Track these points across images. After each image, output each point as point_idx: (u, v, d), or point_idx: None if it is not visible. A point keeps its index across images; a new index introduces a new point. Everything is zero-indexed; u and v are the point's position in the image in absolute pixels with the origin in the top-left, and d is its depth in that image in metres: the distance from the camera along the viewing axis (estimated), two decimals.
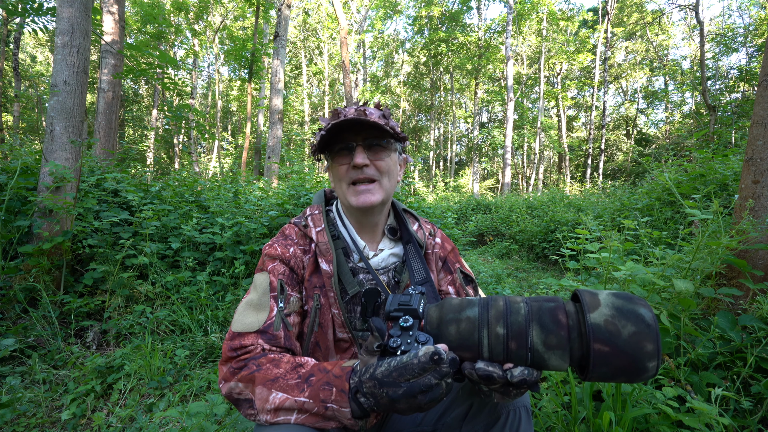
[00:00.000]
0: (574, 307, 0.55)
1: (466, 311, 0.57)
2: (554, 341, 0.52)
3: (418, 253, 0.87)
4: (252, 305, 0.77)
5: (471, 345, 0.55)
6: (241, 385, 0.66)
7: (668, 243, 2.44)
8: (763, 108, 1.57)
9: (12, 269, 2.11)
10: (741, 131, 8.53)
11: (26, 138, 9.55)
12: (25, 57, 19.45)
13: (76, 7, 2.42)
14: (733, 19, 18.76)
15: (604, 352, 0.49)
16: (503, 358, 0.54)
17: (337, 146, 0.81)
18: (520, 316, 0.54)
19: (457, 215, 7.84)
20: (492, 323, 0.55)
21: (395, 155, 0.86)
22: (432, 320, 0.59)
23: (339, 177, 0.83)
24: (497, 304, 0.57)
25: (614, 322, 0.50)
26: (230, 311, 2.38)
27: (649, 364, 0.49)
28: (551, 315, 0.54)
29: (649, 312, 0.51)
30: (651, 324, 0.50)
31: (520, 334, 0.53)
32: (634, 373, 0.50)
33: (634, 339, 0.49)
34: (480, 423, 0.71)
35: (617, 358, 0.49)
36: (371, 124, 0.77)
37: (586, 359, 0.52)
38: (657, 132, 22.12)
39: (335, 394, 0.59)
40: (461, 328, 0.56)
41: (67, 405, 1.56)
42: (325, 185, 3.68)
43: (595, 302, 0.53)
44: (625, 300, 0.52)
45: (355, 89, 17.76)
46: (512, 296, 0.59)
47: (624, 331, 0.50)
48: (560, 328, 0.53)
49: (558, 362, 0.52)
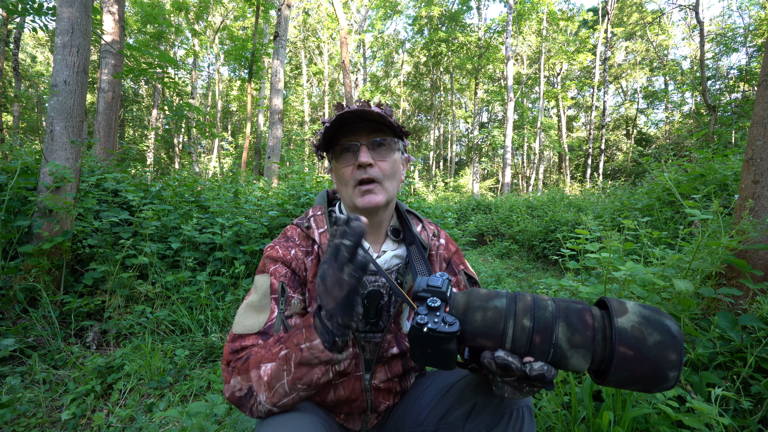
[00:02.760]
0: (600, 312, 0.56)
1: (494, 301, 0.58)
2: (579, 340, 0.53)
3: (422, 255, 0.87)
4: (252, 307, 0.77)
5: (495, 334, 0.56)
6: (240, 378, 0.67)
7: (668, 243, 2.44)
8: (763, 108, 1.57)
9: (12, 269, 2.11)
10: (741, 131, 8.53)
11: (26, 138, 9.56)
12: (25, 57, 19.45)
13: (76, 7, 2.42)
14: (733, 19, 18.81)
15: (628, 356, 0.50)
16: (525, 350, 0.54)
17: (340, 147, 0.81)
18: (548, 312, 0.55)
19: (457, 215, 7.84)
20: (519, 315, 0.55)
21: (398, 155, 0.86)
22: (458, 305, 0.60)
23: (344, 179, 0.82)
24: (525, 298, 0.58)
25: (641, 328, 0.51)
26: (230, 311, 2.38)
27: (670, 373, 0.50)
28: (578, 315, 0.54)
29: (675, 325, 0.52)
30: (677, 336, 0.50)
31: (546, 329, 0.54)
32: (653, 381, 0.50)
33: (659, 347, 0.50)
34: (483, 422, 0.70)
35: (640, 364, 0.50)
36: (374, 117, 0.77)
37: (606, 363, 0.52)
38: (657, 132, 22.12)
39: (305, 333, 0.63)
40: (487, 317, 0.57)
41: (67, 405, 1.56)
42: (325, 185, 3.68)
43: (623, 308, 0.54)
44: (652, 311, 0.53)
45: (355, 89, 17.76)
46: (540, 294, 0.60)
47: (650, 338, 0.50)
48: (586, 328, 0.53)
49: (579, 362, 0.53)
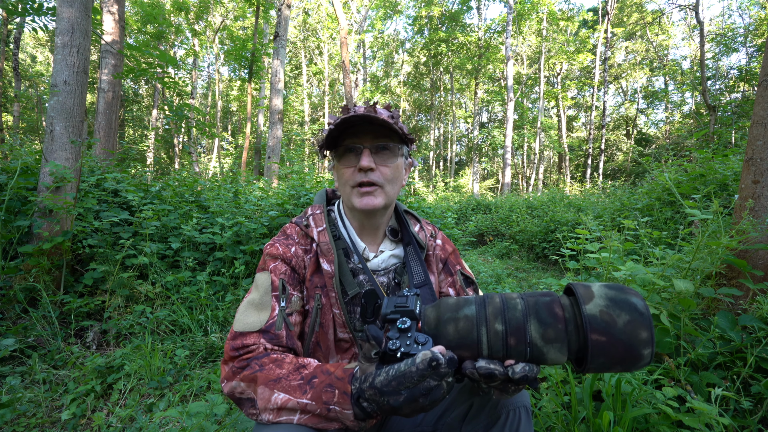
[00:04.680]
0: (568, 300, 0.56)
1: (464, 310, 0.57)
2: (552, 334, 0.53)
3: (418, 255, 0.87)
4: (254, 305, 0.77)
5: (470, 343, 0.55)
6: (243, 385, 0.67)
7: (668, 243, 2.44)
8: (763, 108, 1.57)
9: (12, 269, 2.11)
10: (741, 131, 8.53)
11: (26, 138, 9.55)
12: (25, 57, 19.45)
13: (76, 7, 2.42)
14: (733, 19, 18.82)
15: (601, 342, 0.50)
16: (503, 354, 0.54)
17: (343, 147, 0.81)
18: (518, 311, 0.55)
19: (457, 215, 7.83)
20: (490, 320, 0.55)
21: (401, 160, 0.85)
22: (429, 320, 0.59)
23: (344, 179, 0.83)
24: (494, 301, 0.57)
25: (609, 312, 0.51)
26: (230, 311, 2.38)
27: (644, 351, 0.50)
28: (548, 309, 0.54)
29: (641, 300, 0.52)
30: (644, 312, 0.51)
31: (518, 330, 0.53)
32: (630, 361, 0.51)
33: (629, 327, 0.50)
34: (480, 423, 0.71)
35: (614, 348, 0.50)
36: (380, 122, 0.77)
37: (583, 351, 0.52)
38: (657, 132, 22.12)
39: (338, 396, 0.59)
40: (459, 327, 0.56)
41: (67, 405, 1.56)
42: (325, 185, 3.68)
43: (589, 294, 0.54)
44: (617, 290, 0.53)
45: (355, 89, 17.76)
46: (508, 293, 0.59)
47: (619, 320, 0.50)
48: (557, 321, 0.53)
49: (556, 355, 0.53)
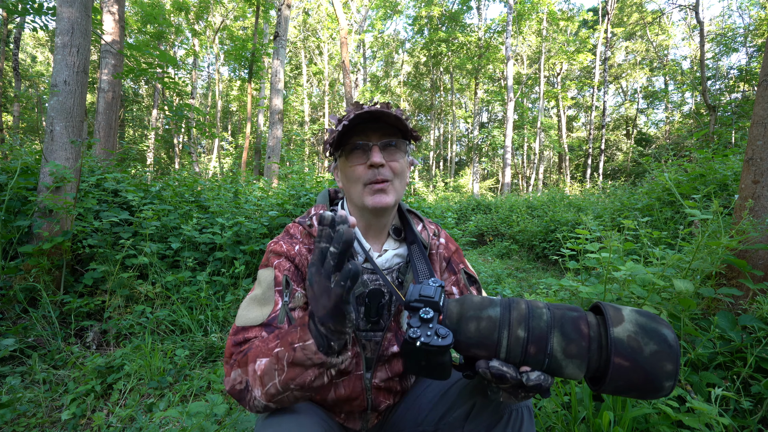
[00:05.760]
0: (595, 319, 0.55)
1: (488, 310, 0.57)
2: (574, 350, 0.52)
3: (423, 254, 0.87)
4: (256, 300, 0.76)
5: (489, 344, 0.55)
6: (240, 371, 0.66)
7: (668, 243, 2.44)
8: (763, 108, 1.57)
9: (12, 269, 2.10)
10: (741, 131, 8.53)
11: (26, 138, 9.56)
12: (25, 57, 19.45)
13: (76, 7, 2.42)
14: (733, 19, 18.82)
15: (623, 366, 0.50)
16: (520, 360, 0.54)
17: (351, 145, 0.81)
18: (543, 321, 0.54)
19: (457, 215, 7.84)
20: (513, 325, 0.55)
21: (406, 157, 0.86)
22: (452, 315, 0.59)
23: (354, 177, 0.81)
24: (519, 306, 0.57)
25: (637, 338, 0.51)
26: (230, 311, 2.38)
27: (666, 383, 0.50)
28: (573, 324, 0.54)
29: (672, 333, 0.51)
30: (673, 345, 0.50)
31: (540, 339, 0.53)
32: (649, 390, 0.50)
33: (655, 358, 0.50)
34: (482, 423, 0.71)
35: (635, 374, 0.50)
36: (392, 119, 0.78)
37: (602, 371, 0.52)
38: (657, 132, 22.12)
39: (300, 332, 0.61)
40: (481, 326, 0.56)
41: (67, 405, 1.56)
42: (325, 185, 3.68)
43: (619, 317, 0.53)
44: (649, 318, 0.53)
45: (355, 89, 17.75)
46: (534, 301, 0.59)
47: (646, 348, 0.50)
48: (582, 338, 0.53)
49: (574, 371, 0.53)
